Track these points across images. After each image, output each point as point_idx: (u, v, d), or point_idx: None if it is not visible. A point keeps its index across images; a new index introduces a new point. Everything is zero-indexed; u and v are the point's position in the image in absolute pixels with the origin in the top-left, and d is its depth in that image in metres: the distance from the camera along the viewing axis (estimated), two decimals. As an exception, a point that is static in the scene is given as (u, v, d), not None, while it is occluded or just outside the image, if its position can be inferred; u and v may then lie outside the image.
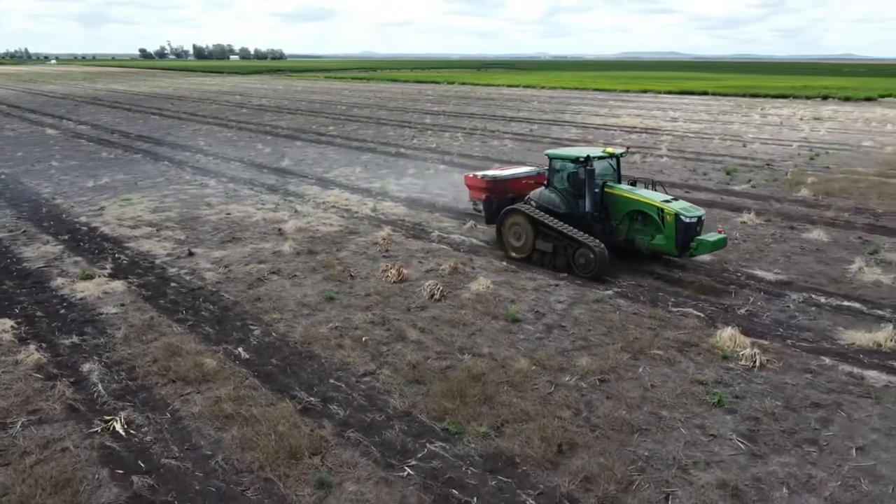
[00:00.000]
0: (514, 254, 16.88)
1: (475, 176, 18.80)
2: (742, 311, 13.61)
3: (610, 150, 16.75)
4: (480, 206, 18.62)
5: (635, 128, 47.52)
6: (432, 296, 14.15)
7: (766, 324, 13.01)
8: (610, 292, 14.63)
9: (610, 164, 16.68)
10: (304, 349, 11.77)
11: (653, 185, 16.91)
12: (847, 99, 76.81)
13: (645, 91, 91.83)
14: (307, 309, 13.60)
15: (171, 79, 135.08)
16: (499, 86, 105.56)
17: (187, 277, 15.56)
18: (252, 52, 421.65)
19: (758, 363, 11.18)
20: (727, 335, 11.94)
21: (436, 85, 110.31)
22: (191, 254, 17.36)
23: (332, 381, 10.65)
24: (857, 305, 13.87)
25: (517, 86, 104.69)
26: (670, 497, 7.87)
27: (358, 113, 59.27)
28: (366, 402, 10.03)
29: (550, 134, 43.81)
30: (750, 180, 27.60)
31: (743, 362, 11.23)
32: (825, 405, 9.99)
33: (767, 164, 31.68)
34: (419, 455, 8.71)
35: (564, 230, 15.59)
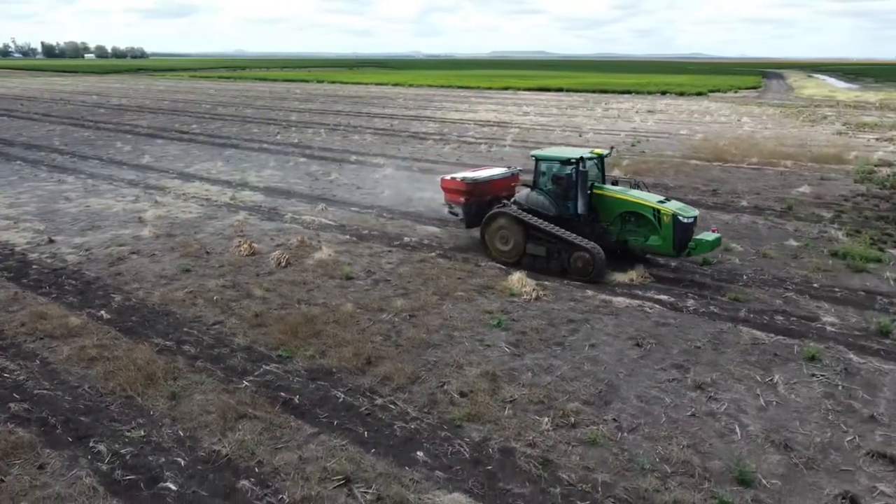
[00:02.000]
0: (502, 258, 16.50)
1: (452, 179, 17.76)
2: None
3: (598, 150, 16.57)
4: (457, 210, 17.82)
5: (489, 122, 51.28)
6: (279, 263, 16.30)
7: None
8: (433, 254, 17.39)
9: (596, 165, 16.42)
10: (161, 309, 13.61)
11: (635, 184, 17.27)
12: (682, 94, 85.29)
13: (506, 88, 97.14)
14: (165, 280, 15.36)
15: (20, 78, 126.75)
16: (368, 84, 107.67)
17: (49, 261, 16.78)
18: (110, 51, 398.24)
19: (535, 297, 14.25)
20: (516, 278, 14.96)
21: (305, 84, 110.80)
22: (51, 241, 18.46)
23: (185, 329, 12.62)
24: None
25: (386, 84, 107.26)
26: (446, 384, 10.57)
27: (223, 111, 59.54)
28: (214, 342, 12.11)
29: (410, 128, 46.61)
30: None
31: (525, 297, 14.26)
32: (577, 321, 13.15)
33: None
34: (256, 373, 10.93)
35: (560, 233, 15.43)
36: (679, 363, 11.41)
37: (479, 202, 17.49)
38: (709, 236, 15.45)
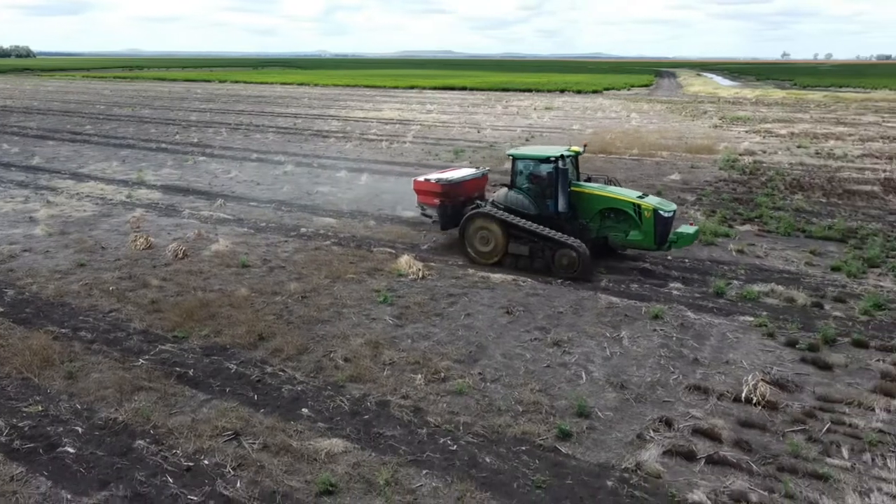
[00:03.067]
0: (482, 260, 16.32)
1: (427, 180, 17.52)
2: (424, 247, 18.03)
3: (574, 148, 16.73)
4: (430, 212, 17.61)
5: (392, 120, 52.36)
6: (176, 255, 16.82)
7: (438, 252, 17.52)
8: (328, 243, 18.33)
9: (571, 163, 16.41)
10: (56, 300, 13.96)
11: (609, 181, 17.55)
12: (579, 92, 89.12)
13: (412, 87, 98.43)
14: (59, 274, 15.61)
15: None
16: (273, 84, 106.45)
17: (-65, 261, 16.62)
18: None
19: (421, 276, 15.48)
20: (404, 260, 16.14)
21: (207, 84, 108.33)
22: (-64, 242, 18.16)
23: (80, 318, 13.07)
24: (507, 237, 18.87)
25: (291, 84, 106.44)
26: (332, 353, 11.60)
27: (119, 112, 57.89)
28: (110, 328, 12.65)
29: (313, 127, 47.07)
30: (469, 159, 33.08)
31: (411, 276, 15.46)
32: (457, 295, 14.46)
33: (490, 146, 37.69)
34: (152, 352, 11.60)
35: (543, 232, 15.47)
36: (542, 326, 12.90)
37: (453, 203, 17.31)
38: (689, 229, 15.94)
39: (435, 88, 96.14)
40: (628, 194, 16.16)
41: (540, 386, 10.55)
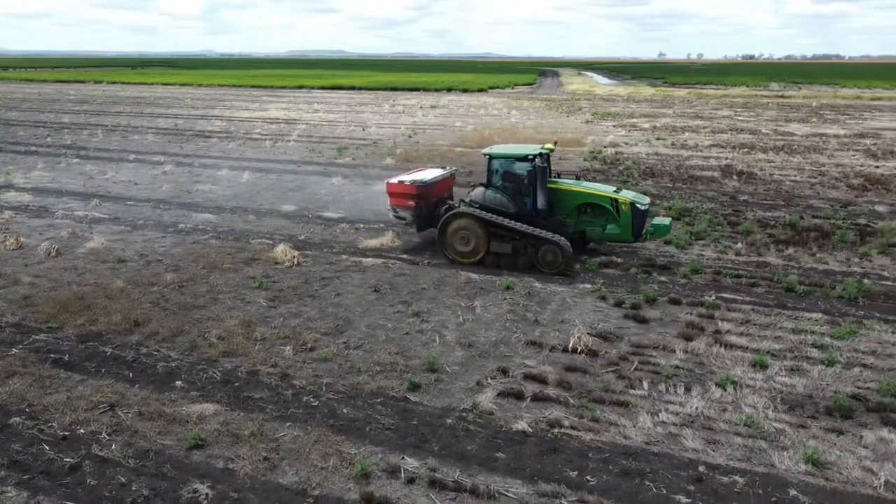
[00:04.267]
0: (461, 259, 16.35)
1: (400, 182, 17.49)
2: (301, 236, 18.96)
3: (548, 146, 17.00)
4: (403, 214, 17.56)
5: (277, 119, 52.38)
6: (49, 254, 16.92)
7: (315, 242, 18.51)
8: (206, 237, 18.89)
9: (544, 160, 16.60)
10: (-79, 301, 13.91)
11: (577, 177, 17.87)
12: (465, 91, 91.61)
13: (300, 87, 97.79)
14: (-78, 276, 15.42)
15: None
16: (153, 85, 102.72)
17: None
18: None
19: (296, 262, 16.43)
20: (280, 249, 17.02)
21: (81, 84, 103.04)
22: None
23: (-53, 316, 13.17)
24: (382, 225, 20.08)
25: (173, 84, 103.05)
26: (206, 333, 12.39)
27: (-18, 115, 54.59)
28: (-20, 323, 12.85)
29: (195, 127, 46.47)
30: (353, 156, 34.10)
31: (287, 264, 16.38)
32: (329, 278, 15.53)
33: (374, 143, 38.80)
34: (25, 343, 11.98)
35: (526, 230, 15.70)
36: (406, 300, 14.20)
37: (427, 204, 17.40)
38: (663, 221, 16.66)
39: (324, 88, 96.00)
40: (604, 189, 16.79)
41: (397, 349, 11.83)
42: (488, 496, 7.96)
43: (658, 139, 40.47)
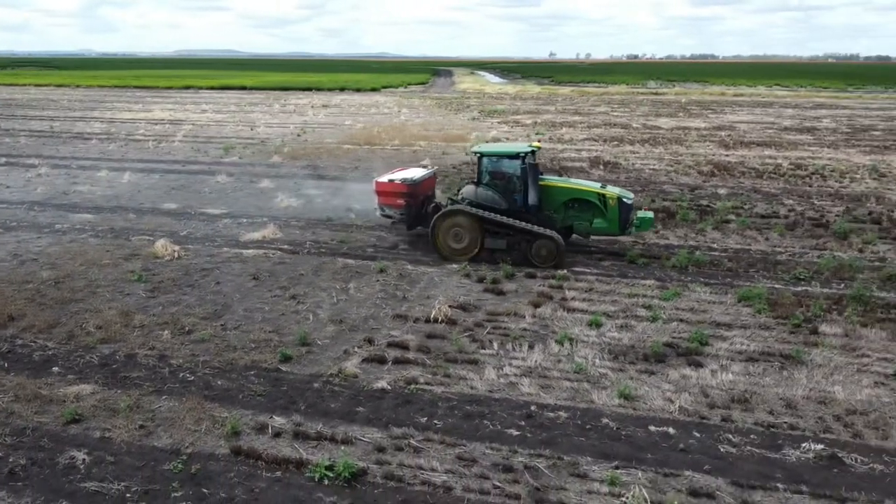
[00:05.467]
0: (454, 256, 16.59)
1: (391, 181, 17.65)
2: (183, 232, 19.34)
3: (536, 144, 17.64)
4: (391, 213, 17.74)
5: (162, 120, 51.20)
6: (-87, 257, 16.53)
7: (197, 237, 18.95)
8: (84, 235, 18.92)
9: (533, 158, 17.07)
10: None
11: (557, 173, 18.14)
12: (358, 90, 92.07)
13: (187, 88, 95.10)
14: None
15: None
16: (25, 86, 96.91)
17: None
18: None
19: (177, 256, 16.88)
20: (160, 244, 17.39)
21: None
22: None
23: None
24: (265, 219, 20.69)
25: (48, 85, 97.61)
26: (84, 324, 12.78)
27: None
28: None
29: (73, 129, 44.82)
30: (239, 154, 34.22)
31: (167, 258, 16.80)
32: (209, 269, 16.12)
33: (262, 142, 38.95)
34: None
35: (521, 225, 16.11)
36: (284, 285, 15.05)
37: (415, 203, 17.66)
38: (647, 214, 17.43)
39: (212, 89, 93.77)
40: (591, 185, 17.45)
41: (272, 328, 12.71)
42: (346, 442, 9.04)
43: (538, 134, 42.76)
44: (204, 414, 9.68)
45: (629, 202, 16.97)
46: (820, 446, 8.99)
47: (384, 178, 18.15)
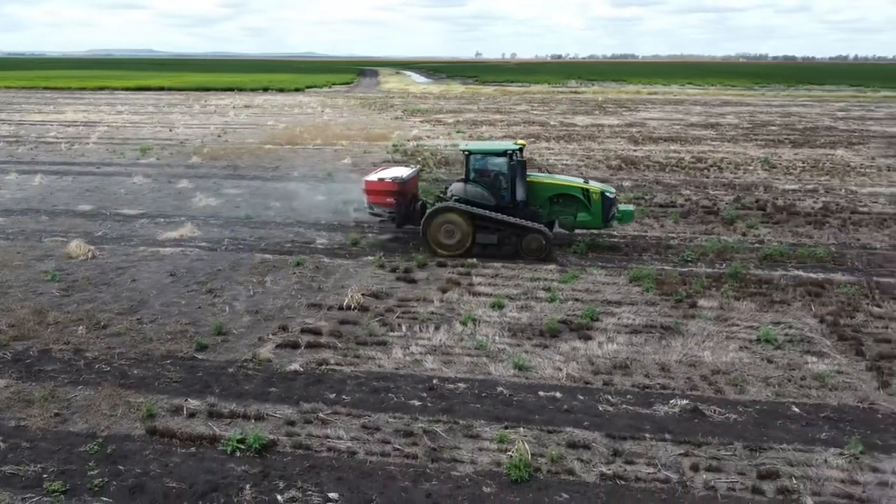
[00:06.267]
0: (446, 252, 16.93)
1: (381, 180, 17.88)
2: (98, 233, 19.34)
3: (521, 142, 18.21)
4: (379, 211, 18.02)
5: (75, 122, 49.74)
6: None
7: (112, 237, 18.99)
8: (-6, 238, 18.70)
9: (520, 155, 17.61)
10: None
11: (539, 170, 18.56)
12: (282, 90, 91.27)
13: (102, 88, 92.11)
14: None
15: None
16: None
17: None
18: None
19: (91, 256, 16.95)
20: (74, 245, 17.40)
21: None
22: None
23: None
24: (183, 218, 20.87)
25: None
26: (-4, 322, 12.87)
27: None
28: None
29: (-22, 132, 43.10)
30: (157, 156, 33.85)
31: (81, 258, 16.85)
32: (126, 267, 16.30)
33: (181, 143, 38.53)
34: None
35: (512, 221, 16.71)
36: (201, 281, 15.42)
37: (404, 201, 17.95)
38: (628, 207, 18.33)
39: (129, 89, 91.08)
40: (575, 181, 18.18)
41: (189, 321, 13.12)
42: (258, 418, 9.66)
43: (458, 132, 43.85)
44: (120, 400, 10.09)
45: (611, 196, 17.72)
46: (685, 402, 10.17)
47: (373, 177, 18.35)
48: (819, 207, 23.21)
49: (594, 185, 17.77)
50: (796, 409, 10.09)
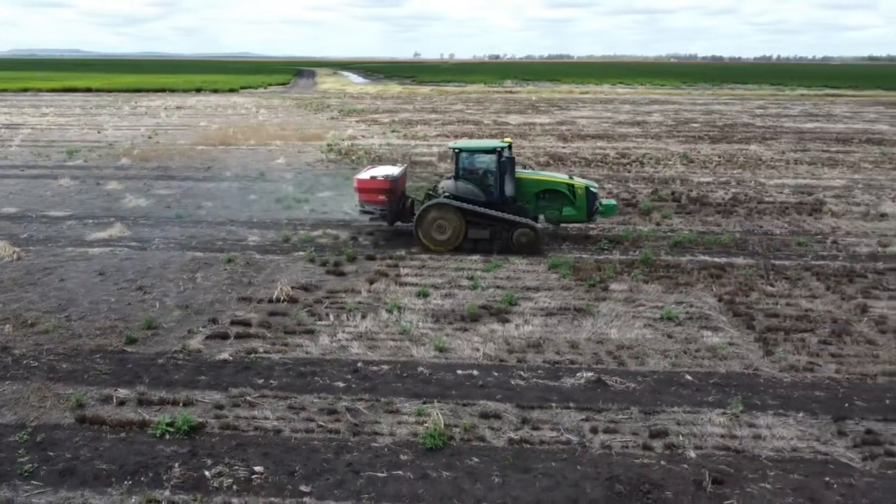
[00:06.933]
0: (438, 248, 17.37)
1: (373, 178, 18.19)
2: (24, 235, 19.17)
3: (507, 139, 18.69)
4: (370, 209, 18.32)
5: (-4, 124, 48.11)
6: None
7: (39, 239, 18.86)
8: (-88, 242, 18.30)
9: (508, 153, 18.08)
10: None
11: (523, 167, 18.79)
12: (216, 91, 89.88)
13: (25, 90, 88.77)
14: None
15: None
16: None
17: None
18: None
19: (17, 258, 16.85)
20: (-2, 246, 17.28)
21: None
22: None
23: None
24: (112, 219, 20.81)
25: None
26: (-82, 324, 12.81)
27: None
28: None
29: None
30: (85, 158, 33.26)
31: (6, 259, 16.73)
32: (53, 268, 16.29)
33: (110, 145, 37.86)
34: None
35: (503, 216, 17.27)
36: (131, 279, 15.59)
37: (395, 199, 18.30)
38: (610, 201, 19.22)
39: (54, 91, 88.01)
40: (561, 177, 18.85)
41: (118, 317, 13.34)
42: (187, 404, 10.07)
43: (393, 132, 44.42)
44: (49, 392, 10.34)
45: (595, 191, 18.50)
46: (591, 374, 11.07)
47: (365, 176, 18.63)
48: (729, 198, 24.77)
49: (579, 181, 18.53)
50: (689, 377, 11.12)
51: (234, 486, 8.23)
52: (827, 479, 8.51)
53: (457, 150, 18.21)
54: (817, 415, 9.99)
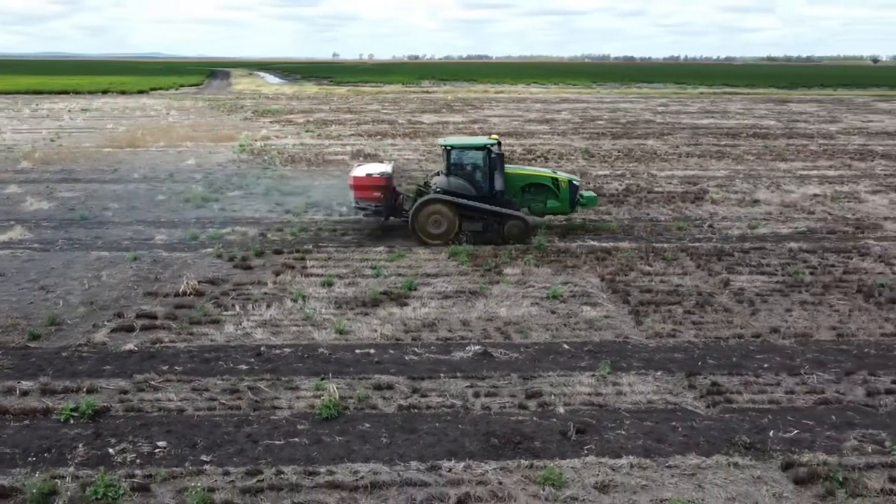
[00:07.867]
0: (434, 241, 18.02)
1: (368, 175, 18.56)
2: (-84, 240, 18.70)
3: (495, 136, 18.95)
4: (364, 205, 18.70)
5: None
6: None
7: (-67, 243, 18.45)
8: None
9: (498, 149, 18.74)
10: None
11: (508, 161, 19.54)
12: (123, 92, 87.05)
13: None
14: None
15: None
16: None
17: None
18: None
19: (-90, 262, 16.52)
20: None
21: None
22: None
23: None
24: (12, 222, 20.49)
25: None
26: None
27: None
28: None
29: None
30: (-18, 161, 32.12)
31: None
32: (-51, 271, 16.09)
33: (9, 148, 36.56)
34: None
35: (494, 209, 18.05)
36: (33, 279, 15.62)
37: (389, 195, 18.73)
38: (590, 193, 19.98)
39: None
40: (545, 171, 19.93)
41: (21, 315, 13.47)
42: (92, 391, 10.48)
43: (307, 131, 44.66)
44: (-52, 389, 10.51)
45: (577, 183, 19.59)
46: (478, 347, 12.10)
47: (361, 173, 19.05)
48: (622, 189, 26.54)
49: (562, 175, 19.64)
50: (566, 346, 12.32)
51: (138, 460, 8.77)
52: (674, 423, 9.81)
53: (448, 147, 18.91)
54: (673, 373, 11.35)
